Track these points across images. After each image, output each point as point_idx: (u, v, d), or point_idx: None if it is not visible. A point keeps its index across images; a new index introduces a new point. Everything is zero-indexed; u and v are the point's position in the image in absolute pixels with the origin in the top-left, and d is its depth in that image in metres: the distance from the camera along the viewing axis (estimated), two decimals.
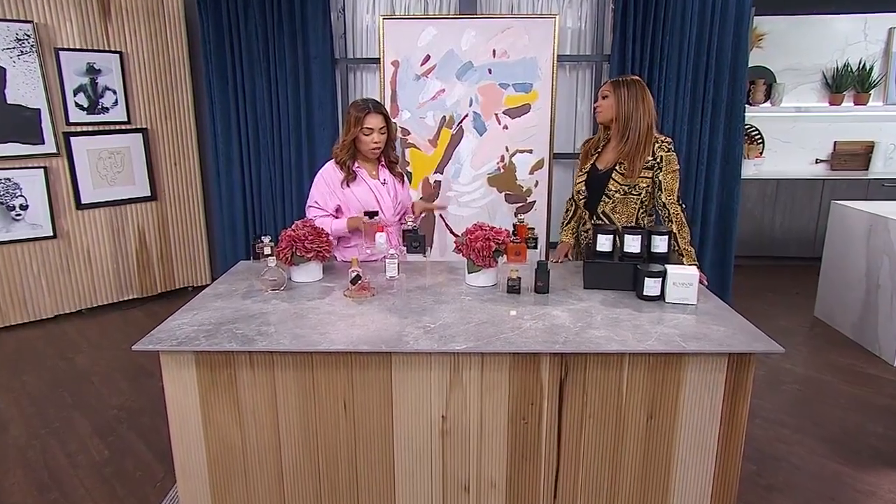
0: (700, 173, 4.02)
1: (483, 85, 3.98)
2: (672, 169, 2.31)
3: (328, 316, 1.83)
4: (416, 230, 2.23)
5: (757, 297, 4.41)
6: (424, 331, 1.71)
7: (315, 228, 2.20)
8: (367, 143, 2.41)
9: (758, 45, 5.23)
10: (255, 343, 1.64)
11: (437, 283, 2.18)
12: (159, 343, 1.65)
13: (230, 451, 1.75)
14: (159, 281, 4.50)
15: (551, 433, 1.71)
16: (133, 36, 4.12)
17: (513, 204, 4.08)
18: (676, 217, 2.29)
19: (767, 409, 2.92)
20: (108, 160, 4.14)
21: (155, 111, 4.29)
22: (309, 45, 4.05)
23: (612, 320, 1.80)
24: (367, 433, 1.72)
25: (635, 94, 2.31)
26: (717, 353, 1.64)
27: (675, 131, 3.94)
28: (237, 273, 2.33)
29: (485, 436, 1.72)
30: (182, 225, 4.56)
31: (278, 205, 4.36)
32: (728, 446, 1.72)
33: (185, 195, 4.54)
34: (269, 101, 4.18)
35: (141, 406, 2.93)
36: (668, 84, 3.87)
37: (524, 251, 2.07)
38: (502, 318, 1.82)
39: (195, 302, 1.98)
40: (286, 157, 4.25)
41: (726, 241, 4.14)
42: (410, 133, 4.07)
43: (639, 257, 2.08)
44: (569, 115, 4.28)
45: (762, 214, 5.22)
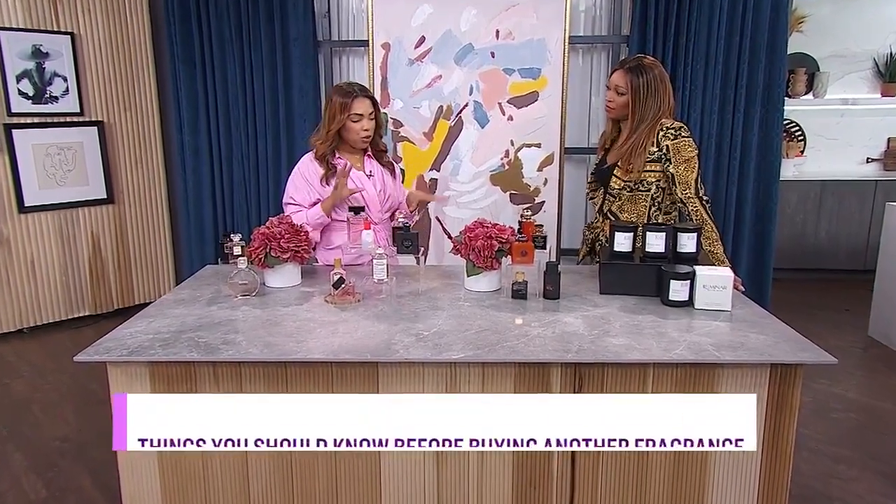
0: (732, 170, 4.03)
1: (485, 70, 3.99)
2: (684, 158, 2.29)
3: (306, 323, 1.82)
4: (407, 227, 2.22)
5: (800, 314, 4.38)
6: (417, 338, 1.69)
7: (292, 226, 2.18)
8: (355, 131, 2.41)
9: (798, 28, 5.26)
10: (220, 352, 1.62)
11: (431, 287, 2.16)
12: (107, 353, 1.62)
13: (189, 480, 1.71)
14: (116, 295, 4.47)
15: (564, 458, 1.68)
16: (87, 15, 4.13)
17: (519, 205, 4.08)
18: (697, 214, 2.28)
19: (816, 439, 2.87)
20: (57, 157, 4.14)
21: (112, 101, 4.30)
22: (288, 26, 4.08)
23: (634, 327, 1.78)
24: (349, 458, 1.68)
25: (656, 85, 2.30)
26: (756, 364, 1.61)
27: (702, 122, 3.96)
28: (202, 278, 2.32)
29: (486, 462, 1.69)
30: (143, 231, 4.55)
31: (253, 206, 4.36)
32: (772, 479, 1.68)
33: (146, 197, 4.53)
34: (243, 88, 4.20)
35: (88, 438, 2.89)
36: (696, 68, 3.90)
37: (531, 251, 2.06)
38: (506, 325, 1.80)
39: (151, 309, 1.96)
40: (262, 152, 4.26)
41: (764, 248, 4.14)
42: (403, 125, 4.08)
43: (663, 258, 2.06)
44: (582, 104, 4.29)
45: (804, 221, 5.21)
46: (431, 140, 4.10)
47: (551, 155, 4.05)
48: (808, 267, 5.26)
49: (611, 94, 2.38)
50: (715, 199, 3.99)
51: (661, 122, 2.32)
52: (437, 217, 4.16)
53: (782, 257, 4.98)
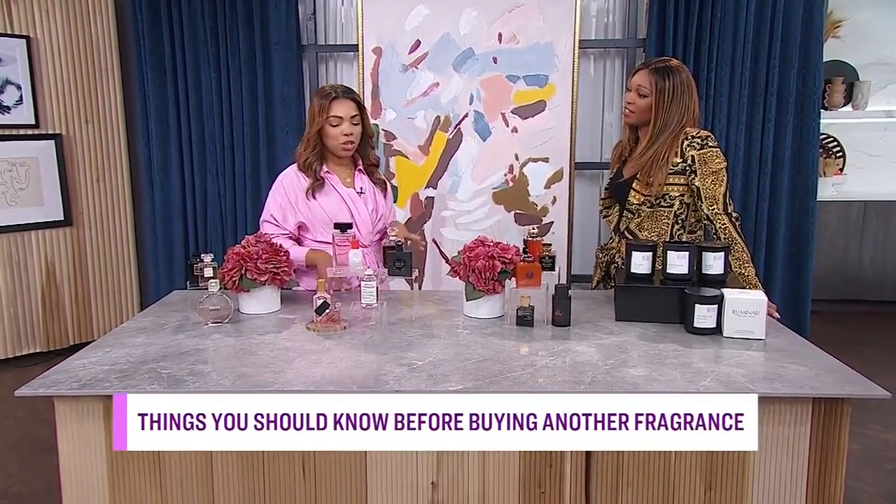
0: (763, 186, 4.05)
1: (487, 77, 4.03)
2: (711, 170, 2.30)
3: (285, 352, 1.80)
4: (399, 246, 2.21)
5: (843, 351, 4.22)
6: (409, 369, 1.68)
7: (271, 244, 2.18)
8: (335, 136, 2.43)
9: (834, 34, 5.31)
10: (186, 385, 1.60)
11: (426, 314, 2.15)
12: (54, 387, 1.60)
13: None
14: (72, 329, 4.44)
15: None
16: (44, 16, 4.17)
17: (525, 226, 4.07)
18: (725, 232, 2.28)
19: (870, 493, 2.82)
20: (9, 173, 4.15)
21: (72, 111, 4.32)
22: (269, 28, 4.13)
23: (654, 357, 1.76)
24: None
25: (682, 90, 2.33)
26: (797, 398, 1.59)
27: (728, 132, 3.99)
28: (169, 304, 2.31)
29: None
30: (105, 257, 4.54)
31: (229, 229, 4.36)
32: None
33: (109, 218, 4.54)
34: (219, 97, 4.23)
35: (34, 490, 2.84)
36: (721, 73, 3.94)
37: (538, 273, 2.05)
38: (510, 354, 1.79)
39: (109, 338, 1.94)
40: (239, 168, 4.28)
41: (800, 274, 4.13)
42: (396, 138, 4.11)
43: (686, 280, 2.05)
44: (594, 114, 4.33)
45: (846, 247, 5.21)
46: (427, 154, 4.12)
47: (560, 171, 4.07)
48: (851, 298, 5.24)
49: (631, 96, 2.40)
50: (744, 218, 4.00)
51: (685, 131, 2.33)
52: (433, 239, 4.16)
53: (821, 287, 4.96)
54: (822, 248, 5.01)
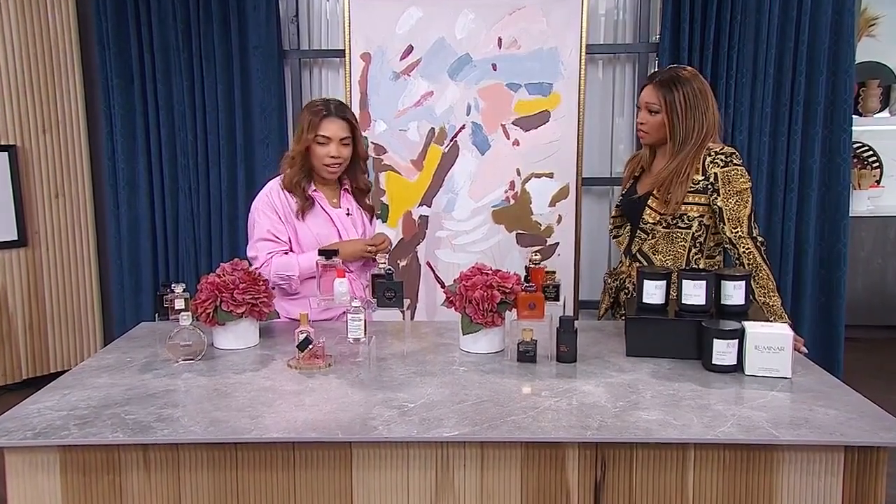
0: (789, 204, 4.07)
1: (485, 86, 4.07)
2: (736, 190, 2.33)
3: (263, 393, 1.81)
4: (390, 275, 2.23)
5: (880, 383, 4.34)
6: (400, 412, 1.69)
7: (249, 273, 2.19)
8: (320, 156, 2.46)
9: (868, 33, 5.36)
10: (153, 432, 1.60)
11: (419, 348, 2.17)
12: (5, 435, 1.60)
13: None
14: (26, 362, 4.44)
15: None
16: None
17: (527, 247, 4.10)
18: (749, 257, 2.30)
19: None
20: None
21: (27, 121, 4.33)
22: (247, 32, 4.16)
23: (669, 398, 1.77)
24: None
25: (695, 100, 2.35)
26: (827, 446, 1.60)
27: (750, 146, 4.01)
28: (135, 338, 2.32)
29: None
30: (63, 281, 4.54)
31: (203, 251, 4.36)
32: None
33: (69, 239, 4.55)
34: (192, 106, 4.25)
35: None
36: (742, 81, 3.97)
37: (541, 303, 2.06)
38: (511, 394, 1.80)
39: (67, 378, 1.95)
40: (214, 185, 4.29)
41: (832, 301, 4.14)
42: (387, 151, 4.13)
43: (704, 312, 2.07)
44: (603, 125, 4.36)
45: (884, 267, 5.24)
46: (421, 169, 4.14)
47: (566, 187, 4.10)
48: (889, 324, 5.26)
49: (643, 115, 2.43)
50: (768, 239, 4.02)
51: (708, 146, 2.36)
52: (427, 262, 4.18)
53: (856, 312, 4.97)
54: (856, 269, 5.04)
